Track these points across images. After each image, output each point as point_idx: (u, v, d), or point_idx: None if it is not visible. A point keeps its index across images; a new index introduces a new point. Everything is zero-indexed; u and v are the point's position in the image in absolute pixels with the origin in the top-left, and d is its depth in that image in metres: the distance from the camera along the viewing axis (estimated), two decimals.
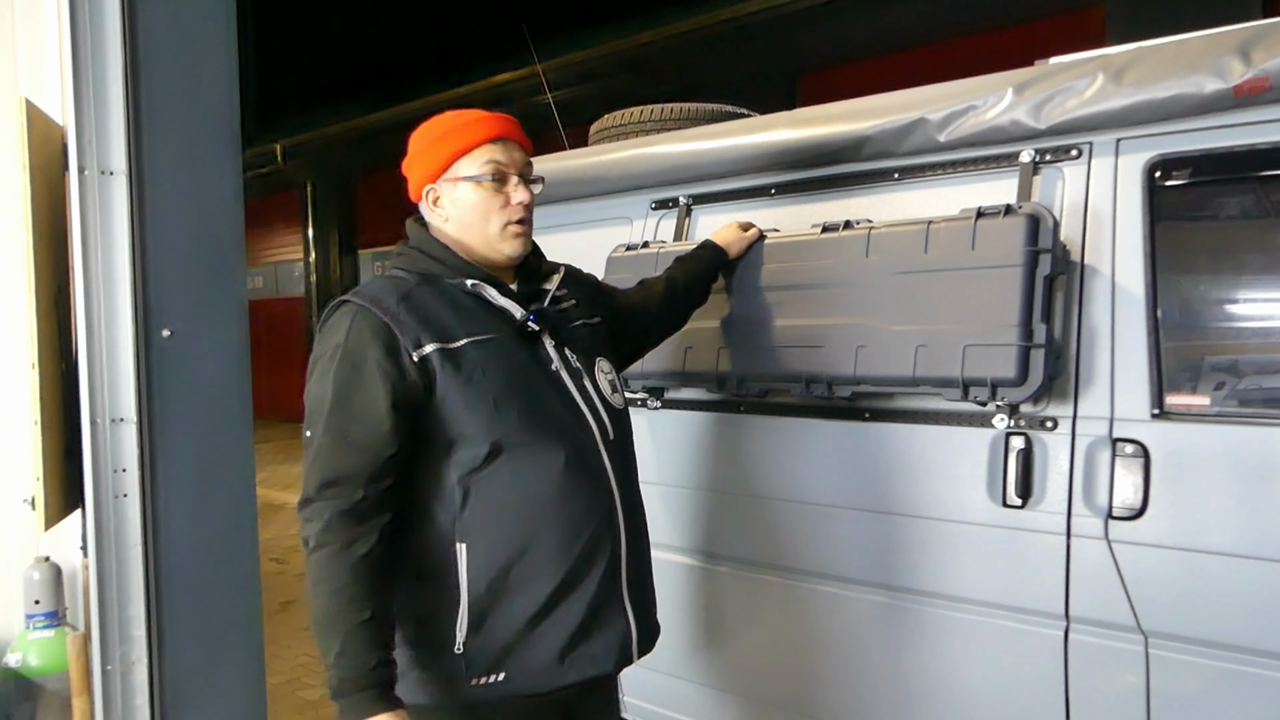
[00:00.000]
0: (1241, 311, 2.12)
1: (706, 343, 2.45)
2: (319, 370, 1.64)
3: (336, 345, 1.61)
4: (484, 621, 1.64)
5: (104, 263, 2.16)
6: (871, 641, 2.29)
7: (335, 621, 1.54)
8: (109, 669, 2.13)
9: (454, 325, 1.65)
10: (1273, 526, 1.79)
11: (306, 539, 1.58)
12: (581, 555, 1.68)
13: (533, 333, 1.74)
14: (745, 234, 2.43)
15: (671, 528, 2.60)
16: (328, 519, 1.55)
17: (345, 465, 1.57)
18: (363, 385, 1.58)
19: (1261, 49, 1.85)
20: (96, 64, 2.15)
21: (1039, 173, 2.14)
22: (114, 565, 2.14)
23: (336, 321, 1.65)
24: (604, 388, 1.83)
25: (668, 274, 2.30)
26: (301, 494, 1.60)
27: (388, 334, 1.60)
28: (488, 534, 1.64)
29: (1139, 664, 1.92)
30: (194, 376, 2.30)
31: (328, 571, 1.54)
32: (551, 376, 1.74)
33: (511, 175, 1.75)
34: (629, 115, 3.28)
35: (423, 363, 1.60)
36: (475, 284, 1.72)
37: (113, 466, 2.16)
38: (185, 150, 2.30)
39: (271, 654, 4.76)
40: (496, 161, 1.74)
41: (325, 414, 1.59)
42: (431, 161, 1.77)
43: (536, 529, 1.65)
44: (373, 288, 1.68)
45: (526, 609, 1.65)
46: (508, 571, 1.64)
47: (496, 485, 1.64)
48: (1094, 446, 1.98)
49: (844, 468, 2.31)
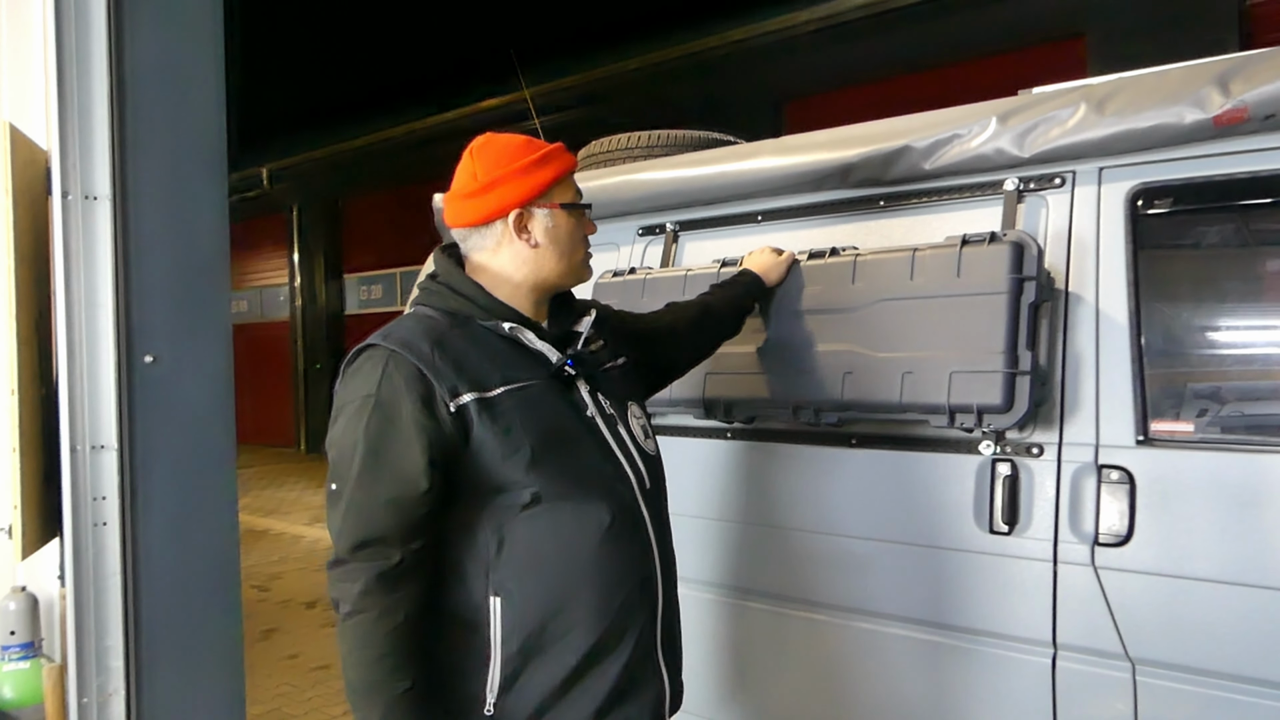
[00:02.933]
0: (1224, 339, 2.14)
1: (693, 369, 2.44)
2: (346, 419, 1.53)
3: (368, 395, 1.51)
4: (516, 681, 1.56)
5: (86, 287, 2.15)
6: (857, 667, 2.28)
7: (376, 691, 1.48)
8: (85, 701, 2.10)
9: (490, 372, 1.56)
10: (1257, 552, 1.79)
11: (338, 601, 1.50)
12: (620, 613, 1.60)
13: (569, 377, 1.66)
14: (781, 259, 2.34)
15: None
16: (365, 584, 1.47)
17: (380, 525, 1.48)
18: (398, 439, 1.49)
19: (1240, 80, 1.87)
20: (81, 88, 2.14)
21: (1023, 201, 2.16)
22: (92, 595, 2.12)
23: (366, 367, 1.54)
24: (637, 434, 1.76)
25: (701, 299, 2.22)
26: (333, 554, 1.52)
27: (423, 383, 1.50)
28: (524, 587, 1.55)
29: (1126, 691, 1.92)
30: (176, 402, 2.29)
31: (367, 640, 1.48)
32: (588, 424, 1.66)
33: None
34: (616, 142, 3.29)
35: (459, 413, 1.50)
36: (514, 327, 1.62)
37: (92, 494, 2.14)
38: (170, 175, 2.29)
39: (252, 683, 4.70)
40: (582, 191, 1.75)
41: (356, 469, 1.49)
42: (524, 185, 1.66)
43: (575, 584, 1.57)
44: (403, 330, 1.57)
45: (562, 669, 1.56)
46: (544, 628, 1.55)
47: (535, 535, 1.56)
48: (1080, 473, 1.98)
49: (830, 494, 2.31)
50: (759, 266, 2.33)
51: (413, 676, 1.50)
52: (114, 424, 2.15)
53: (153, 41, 2.24)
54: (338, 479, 1.52)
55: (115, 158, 2.17)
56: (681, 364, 2.18)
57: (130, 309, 2.20)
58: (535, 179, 1.66)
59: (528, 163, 1.66)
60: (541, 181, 1.66)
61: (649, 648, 1.66)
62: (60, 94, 2.11)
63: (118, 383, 2.16)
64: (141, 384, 2.21)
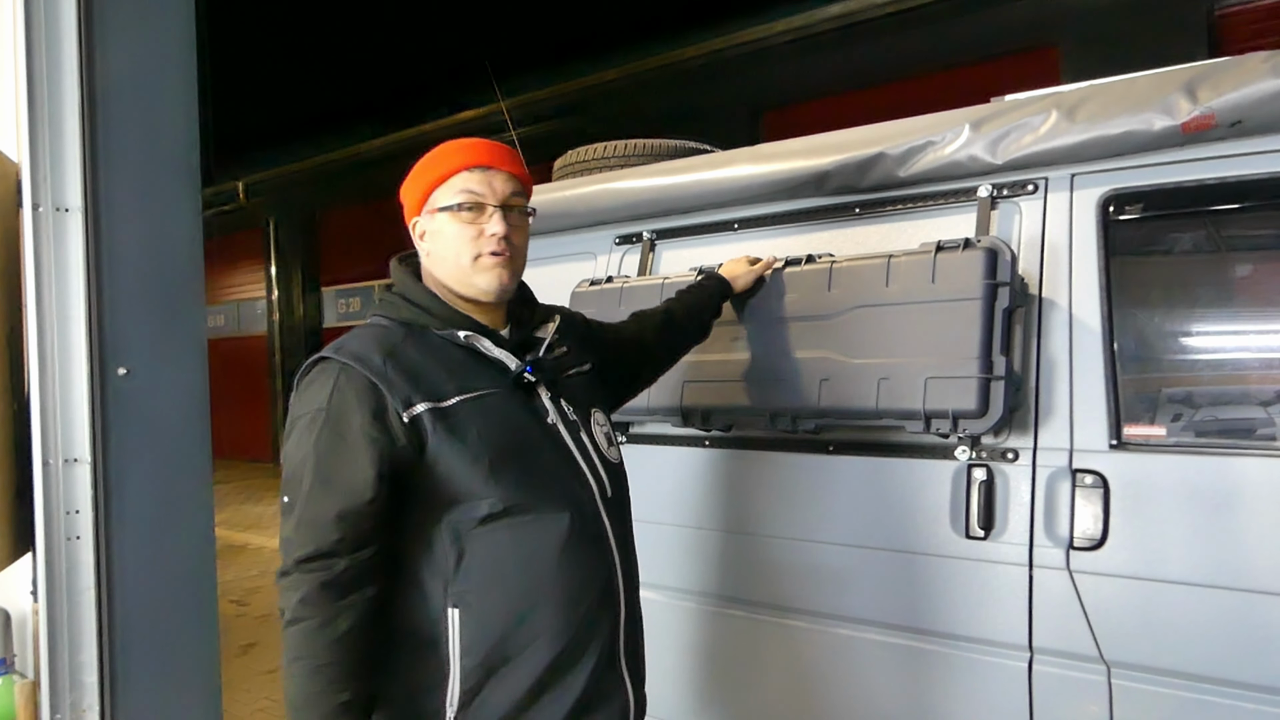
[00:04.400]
0: (1196, 343, 2.16)
1: (670, 377, 2.44)
2: (298, 433, 1.52)
3: (319, 409, 1.50)
4: (477, 695, 1.53)
5: (58, 300, 2.13)
6: (836, 673, 2.28)
7: (313, 703, 1.44)
8: (59, 718, 2.07)
9: (445, 382, 1.54)
10: (1230, 555, 1.81)
11: (283, 610, 1.48)
12: (583, 624, 1.58)
13: (529, 384, 1.64)
14: (754, 267, 2.34)
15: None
16: (306, 592, 1.44)
17: (328, 537, 1.46)
18: (346, 452, 1.47)
19: (1207, 87, 1.90)
20: (52, 99, 2.13)
21: (996, 207, 2.18)
22: (65, 610, 2.10)
23: (318, 381, 1.53)
24: (600, 441, 1.73)
25: (666, 306, 2.20)
26: (281, 564, 1.49)
27: (375, 394, 1.49)
28: (483, 600, 1.53)
29: (1102, 694, 1.93)
30: (151, 416, 2.27)
31: (306, 648, 1.45)
32: (549, 431, 1.64)
33: (488, 205, 1.63)
34: (593, 151, 3.29)
35: (413, 423, 1.49)
36: (469, 336, 1.61)
37: (65, 508, 2.12)
38: (143, 187, 2.28)
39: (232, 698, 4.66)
40: (471, 190, 1.62)
41: (306, 481, 1.48)
42: (414, 193, 1.68)
43: (536, 595, 1.54)
44: (355, 342, 1.56)
45: (524, 681, 1.54)
46: (504, 641, 1.53)
47: (494, 547, 1.54)
48: (1054, 477, 1.99)
49: (808, 501, 2.31)
50: (729, 272, 2.33)
51: (354, 690, 1.46)
52: (87, 437, 2.13)
53: (124, 53, 2.23)
54: (290, 492, 1.51)
55: (87, 170, 2.15)
56: (646, 373, 2.18)
57: (103, 322, 2.18)
58: (418, 187, 1.67)
59: (415, 172, 1.68)
60: (423, 188, 1.67)
61: (613, 658, 1.64)
62: (31, 106, 2.10)
63: (91, 396, 2.14)
64: (115, 397, 2.20)
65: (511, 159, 1.69)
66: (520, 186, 1.68)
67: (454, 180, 1.64)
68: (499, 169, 1.66)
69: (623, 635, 1.67)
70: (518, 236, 1.67)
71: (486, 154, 1.66)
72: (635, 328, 2.13)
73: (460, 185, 1.63)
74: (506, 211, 1.64)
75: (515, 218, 1.67)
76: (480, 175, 1.64)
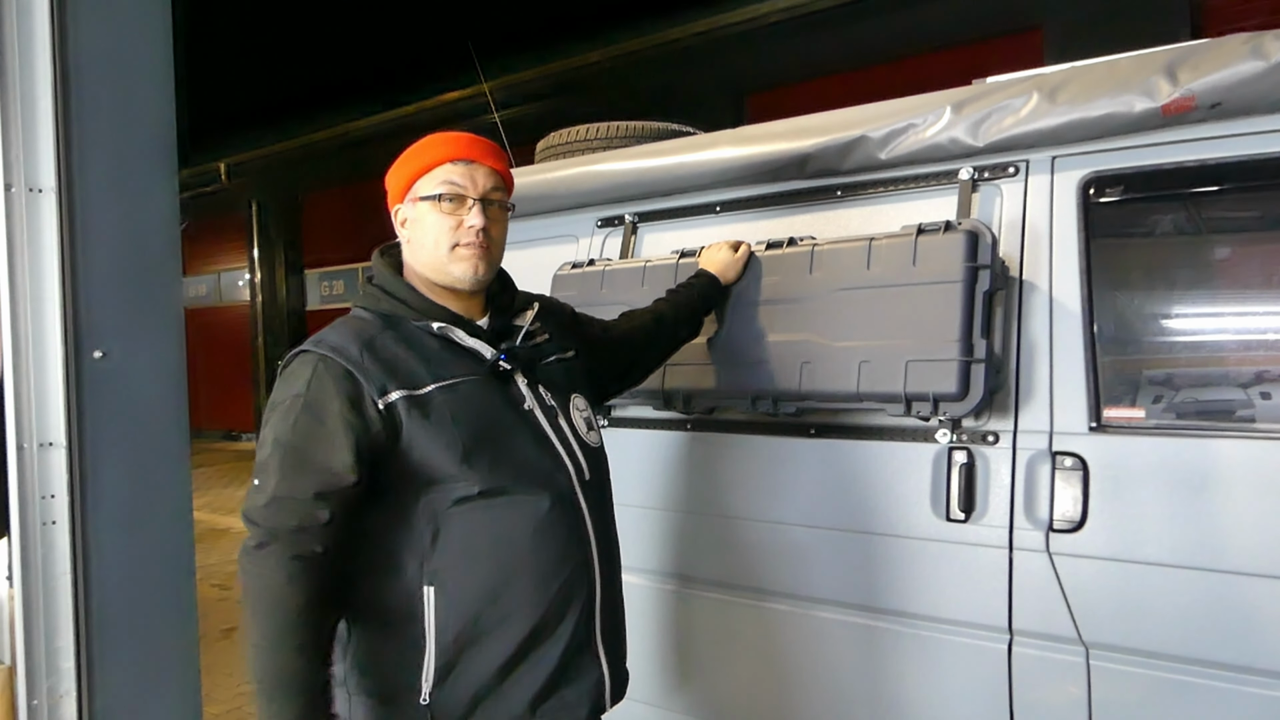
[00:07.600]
0: (1175, 326, 2.17)
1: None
2: (277, 417, 1.55)
3: (297, 395, 1.54)
4: (452, 670, 1.58)
5: (32, 282, 2.11)
6: (814, 656, 2.29)
7: (282, 677, 1.49)
8: (35, 704, 2.06)
9: (420, 371, 1.59)
10: (1207, 536, 1.82)
11: (246, 586, 1.52)
12: (556, 600, 1.62)
13: (505, 372, 1.69)
14: (737, 256, 2.35)
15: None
16: (273, 565, 1.49)
17: (303, 514, 1.50)
18: (325, 436, 1.52)
19: (1187, 69, 1.90)
20: (25, 78, 2.10)
21: (978, 190, 2.17)
22: (40, 595, 2.08)
23: (296, 370, 1.58)
24: (579, 425, 1.78)
25: (656, 306, 2.23)
26: (248, 540, 1.53)
27: (352, 383, 1.54)
28: (458, 577, 1.57)
29: (1081, 675, 1.94)
30: (128, 398, 2.25)
31: (271, 613, 1.49)
32: (525, 416, 1.68)
33: (469, 197, 1.67)
34: (575, 133, 3.28)
35: (388, 410, 1.54)
36: (443, 327, 1.65)
37: (40, 492, 2.10)
38: (118, 167, 2.25)
39: (213, 683, 4.66)
40: (452, 182, 1.67)
41: (280, 463, 1.52)
42: (398, 181, 1.73)
43: (510, 573, 1.59)
44: (334, 335, 1.61)
45: (497, 657, 1.59)
46: (478, 618, 1.58)
47: (469, 526, 1.58)
48: (1034, 460, 2.00)
49: (789, 484, 2.31)
50: (716, 266, 2.33)
51: (320, 662, 1.53)
52: (62, 421, 2.11)
53: (98, 30, 2.20)
54: (262, 473, 1.54)
55: (60, 150, 2.12)
56: (635, 374, 2.21)
57: (78, 303, 2.15)
58: (402, 175, 1.72)
59: (400, 160, 1.73)
60: (406, 177, 1.72)
61: (587, 635, 1.68)
62: (2, 85, 2.07)
63: (66, 379, 2.12)
64: (91, 380, 2.17)
65: (495, 154, 1.74)
66: (501, 182, 1.74)
67: (437, 171, 1.69)
68: (481, 163, 1.71)
69: (599, 614, 1.70)
70: (495, 229, 1.71)
71: (470, 148, 1.71)
72: (625, 328, 2.16)
73: (443, 176, 1.68)
74: (486, 205, 1.69)
75: (494, 211, 1.71)
76: (463, 168, 1.69)
